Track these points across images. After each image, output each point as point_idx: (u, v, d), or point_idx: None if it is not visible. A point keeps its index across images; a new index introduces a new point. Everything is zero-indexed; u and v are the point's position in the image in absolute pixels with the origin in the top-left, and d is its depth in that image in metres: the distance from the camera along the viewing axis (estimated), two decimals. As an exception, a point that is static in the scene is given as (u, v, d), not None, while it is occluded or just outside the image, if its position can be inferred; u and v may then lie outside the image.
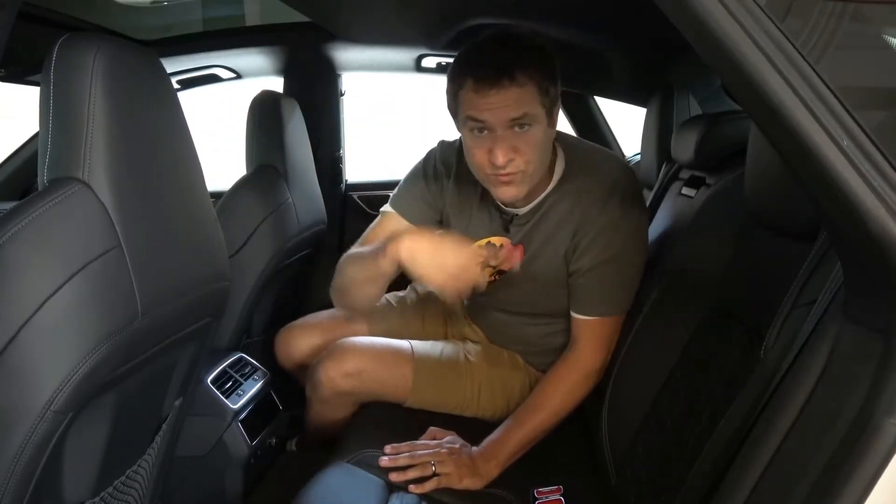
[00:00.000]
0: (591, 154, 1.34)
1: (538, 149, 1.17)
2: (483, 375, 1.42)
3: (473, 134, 1.17)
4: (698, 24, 0.54)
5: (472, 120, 1.15)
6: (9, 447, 0.73)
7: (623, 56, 1.79)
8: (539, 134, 1.16)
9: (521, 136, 1.14)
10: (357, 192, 2.39)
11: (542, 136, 1.17)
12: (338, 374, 1.36)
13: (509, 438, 1.24)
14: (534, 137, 1.15)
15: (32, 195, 0.75)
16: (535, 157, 1.17)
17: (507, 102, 1.11)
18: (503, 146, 1.13)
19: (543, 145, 1.19)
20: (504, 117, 1.12)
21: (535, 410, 1.27)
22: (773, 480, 0.66)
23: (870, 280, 0.61)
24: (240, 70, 2.17)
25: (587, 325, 1.29)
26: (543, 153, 1.20)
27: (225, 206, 1.62)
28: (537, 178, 1.23)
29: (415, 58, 2.06)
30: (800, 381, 0.67)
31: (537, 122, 1.15)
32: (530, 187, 1.23)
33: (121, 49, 0.82)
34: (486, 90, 1.11)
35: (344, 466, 1.18)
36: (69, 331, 0.74)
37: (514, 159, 1.15)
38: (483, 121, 1.14)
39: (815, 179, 0.55)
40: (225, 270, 1.05)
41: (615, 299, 1.29)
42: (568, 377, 1.29)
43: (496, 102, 1.11)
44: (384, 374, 1.38)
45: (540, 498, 1.16)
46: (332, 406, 1.44)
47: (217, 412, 1.41)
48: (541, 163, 1.20)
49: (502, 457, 1.22)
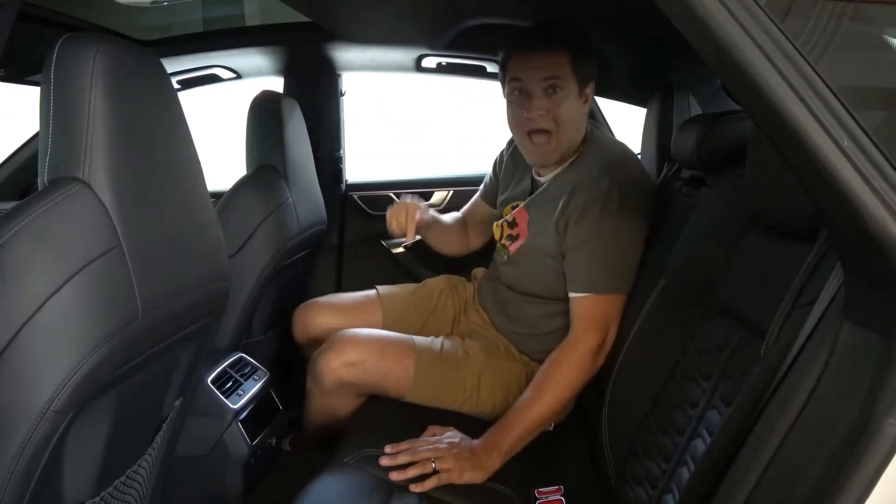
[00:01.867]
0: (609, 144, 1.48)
1: (567, 115, 1.34)
2: (481, 366, 1.43)
3: (514, 95, 1.37)
4: (698, 24, 0.54)
5: (513, 80, 1.36)
6: (9, 447, 0.73)
7: (623, 56, 1.79)
8: (570, 102, 1.34)
9: (552, 99, 1.33)
10: (357, 192, 2.39)
11: (572, 105, 1.35)
12: (340, 363, 1.38)
13: (511, 427, 1.24)
14: (564, 103, 1.33)
15: (32, 195, 0.75)
16: (566, 119, 1.34)
17: (544, 64, 1.32)
18: (536, 104, 1.33)
19: (573, 115, 1.36)
20: (539, 76, 1.32)
21: (536, 396, 1.28)
22: (773, 480, 0.66)
23: (870, 280, 0.61)
24: (240, 70, 2.17)
25: (580, 304, 1.32)
26: (572, 123, 1.37)
27: (225, 206, 1.62)
28: (567, 144, 1.38)
29: (415, 58, 2.06)
30: (800, 381, 0.67)
31: (569, 90, 1.33)
32: (559, 155, 1.39)
33: (121, 49, 0.82)
34: (527, 53, 1.34)
35: (344, 466, 1.18)
36: (69, 331, 0.74)
37: (543, 115, 1.33)
38: (520, 79, 1.34)
39: (815, 179, 0.55)
40: (225, 270, 1.05)
41: (606, 274, 1.31)
42: (566, 358, 1.30)
43: (534, 63, 1.32)
44: (386, 365, 1.39)
45: (540, 498, 1.16)
46: (333, 399, 1.45)
47: (217, 412, 1.41)
48: (570, 131, 1.37)
49: (504, 447, 1.22)
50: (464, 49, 1.95)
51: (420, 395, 1.41)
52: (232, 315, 1.62)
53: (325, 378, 1.39)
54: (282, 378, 1.68)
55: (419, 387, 1.40)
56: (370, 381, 1.40)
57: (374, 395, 1.46)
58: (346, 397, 1.45)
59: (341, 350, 1.39)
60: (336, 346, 1.40)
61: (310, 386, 1.47)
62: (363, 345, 1.40)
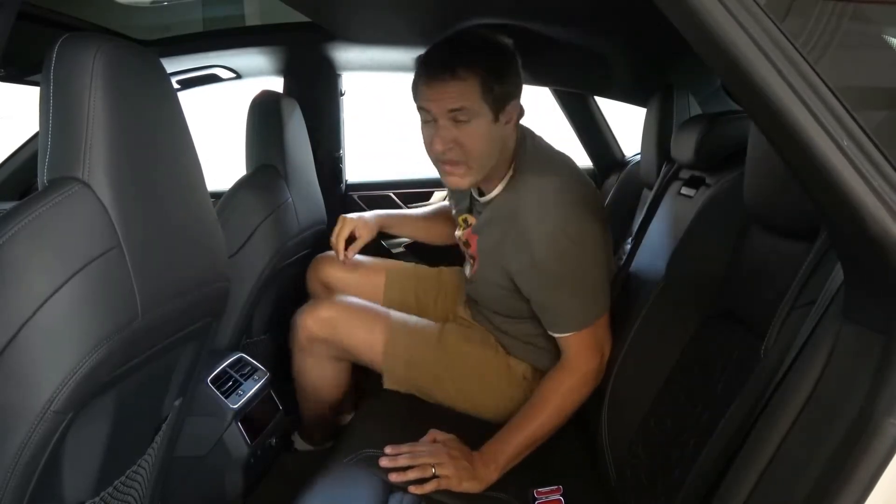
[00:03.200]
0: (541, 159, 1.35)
1: (480, 141, 1.24)
2: (454, 349, 1.45)
3: (424, 122, 1.29)
4: (698, 25, 0.54)
5: (421, 109, 1.27)
6: (9, 447, 0.73)
7: (623, 56, 1.79)
8: (482, 128, 1.23)
9: (461, 127, 1.23)
10: (357, 192, 2.39)
11: (485, 130, 1.23)
12: (312, 319, 1.46)
13: (509, 442, 1.24)
14: (475, 131, 1.23)
15: (32, 195, 0.75)
16: (476, 148, 1.24)
17: (448, 95, 1.21)
18: (442, 135, 1.24)
19: (487, 139, 1.24)
20: (444, 108, 1.22)
21: (534, 414, 1.27)
22: (773, 480, 0.66)
23: (870, 280, 0.61)
24: (240, 70, 2.17)
25: (565, 342, 1.30)
26: (487, 146, 1.25)
27: (225, 206, 1.62)
28: (484, 170, 1.28)
29: (415, 58, 2.06)
30: (800, 381, 0.67)
31: (479, 116, 1.22)
32: (478, 178, 1.30)
33: (121, 49, 0.82)
34: (432, 82, 1.23)
35: (344, 466, 1.18)
36: (69, 330, 0.74)
37: (452, 148, 1.24)
38: (428, 110, 1.25)
39: (815, 179, 0.55)
40: (225, 270, 1.05)
41: (581, 314, 1.28)
42: (563, 381, 1.29)
43: (438, 94, 1.22)
44: (357, 330, 1.45)
45: (540, 498, 1.16)
46: (308, 357, 1.51)
47: (217, 412, 1.41)
48: (485, 156, 1.26)
49: (502, 461, 1.22)
50: (464, 49, 1.95)
51: (391, 365, 1.44)
52: (232, 315, 1.62)
53: (299, 333, 1.48)
54: (282, 378, 1.68)
55: (389, 358, 1.43)
56: (339, 342, 1.46)
57: (373, 395, 1.46)
58: (321, 357, 1.50)
59: (316, 307, 1.48)
60: (313, 304, 1.50)
61: (291, 344, 1.54)
62: (338, 307, 1.47)
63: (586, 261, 1.27)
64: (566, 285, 1.26)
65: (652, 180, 1.75)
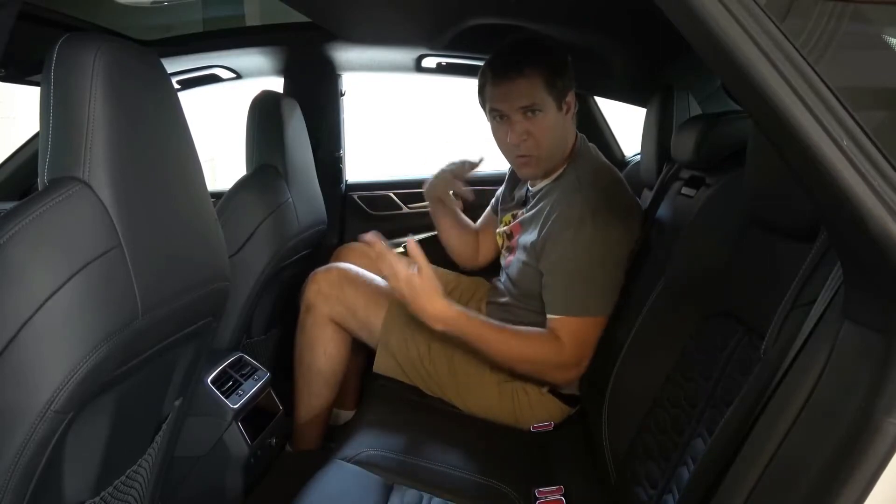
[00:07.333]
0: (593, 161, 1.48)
1: (549, 132, 1.39)
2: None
3: (496, 122, 1.42)
4: (698, 25, 0.54)
5: (492, 109, 1.41)
6: (9, 447, 0.73)
7: (623, 56, 1.79)
8: (549, 119, 1.38)
9: (532, 120, 1.37)
10: (357, 192, 2.39)
11: (552, 121, 1.38)
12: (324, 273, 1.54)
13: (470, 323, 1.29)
14: (544, 122, 1.37)
15: (32, 195, 0.75)
16: (545, 139, 1.39)
17: (517, 92, 1.35)
18: (516, 129, 1.38)
19: (555, 129, 1.40)
20: (515, 105, 1.36)
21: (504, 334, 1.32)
22: (774, 480, 0.66)
23: (870, 280, 0.61)
24: (240, 70, 2.17)
25: (559, 324, 1.33)
26: (555, 136, 1.41)
27: (225, 206, 1.62)
28: (553, 159, 1.43)
29: (415, 58, 2.06)
30: (800, 381, 0.67)
31: (546, 108, 1.37)
32: (547, 168, 1.45)
33: (121, 49, 0.82)
34: (501, 83, 1.37)
35: (344, 466, 1.19)
36: (69, 330, 0.74)
37: (526, 140, 1.38)
38: (499, 109, 1.39)
39: (815, 179, 0.55)
40: (225, 270, 1.05)
41: (579, 297, 1.32)
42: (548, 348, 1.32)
43: (508, 93, 1.36)
44: (359, 301, 1.50)
45: (540, 497, 1.16)
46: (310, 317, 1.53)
47: (217, 412, 1.41)
48: (553, 145, 1.42)
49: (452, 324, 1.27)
50: (464, 49, 1.95)
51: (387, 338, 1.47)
52: (232, 315, 1.62)
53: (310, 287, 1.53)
54: (282, 378, 1.68)
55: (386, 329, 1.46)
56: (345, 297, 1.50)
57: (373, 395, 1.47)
58: (323, 317, 1.52)
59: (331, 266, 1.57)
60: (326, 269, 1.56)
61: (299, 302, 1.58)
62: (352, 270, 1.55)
63: (603, 253, 1.33)
64: (575, 266, 1.32)
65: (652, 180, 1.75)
